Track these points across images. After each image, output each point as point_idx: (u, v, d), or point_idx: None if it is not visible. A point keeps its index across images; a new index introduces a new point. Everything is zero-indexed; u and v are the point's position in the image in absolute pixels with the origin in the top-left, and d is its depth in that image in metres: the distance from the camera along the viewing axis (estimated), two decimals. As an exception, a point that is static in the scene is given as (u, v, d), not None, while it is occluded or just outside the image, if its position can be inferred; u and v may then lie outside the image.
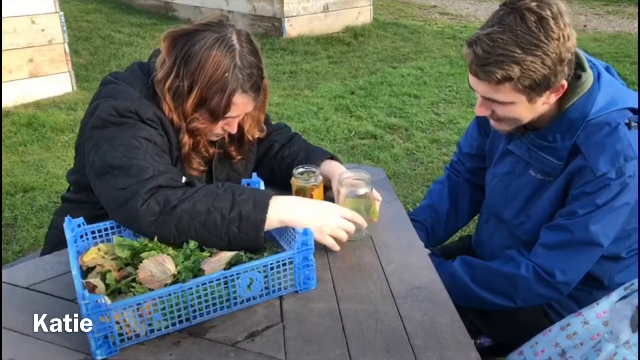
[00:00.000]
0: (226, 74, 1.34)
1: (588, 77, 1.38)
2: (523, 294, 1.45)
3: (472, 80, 1.36)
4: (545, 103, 1.36)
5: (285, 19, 6.61)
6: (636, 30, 7.11)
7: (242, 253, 1.29)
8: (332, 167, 1.55)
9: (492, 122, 1.46)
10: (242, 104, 1.40)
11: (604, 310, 1.37)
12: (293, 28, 6.70)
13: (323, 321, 1.16)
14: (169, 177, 1.28)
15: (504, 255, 1.52)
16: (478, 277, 1.50)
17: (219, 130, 1.45)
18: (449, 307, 1.19)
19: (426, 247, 1.40)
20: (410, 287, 1.25)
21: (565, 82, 1.33)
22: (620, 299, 1.38)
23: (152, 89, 1.40)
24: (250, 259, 1.27)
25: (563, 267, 1.40)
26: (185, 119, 1.40)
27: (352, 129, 4.34)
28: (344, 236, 1.34)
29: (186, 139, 1.42)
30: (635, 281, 1.39)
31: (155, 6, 8.20)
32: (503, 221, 1.60)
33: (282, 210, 1.28)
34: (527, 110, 1.35)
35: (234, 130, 1.47)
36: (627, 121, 1.35)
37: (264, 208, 1.25)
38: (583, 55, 1.41)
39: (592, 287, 1.53)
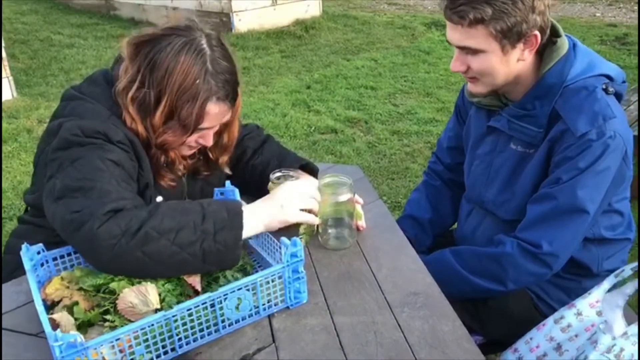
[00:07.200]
0: (197, 81, 1.22)
1: (563, 42, 1.40)
2: (512, 273, 1.40)
3: (448, 29, 1.36)
4: (519, 60, 1.36)
5: (234, 14, 6.45)
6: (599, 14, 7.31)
7: None
8: None
9: (468, 85, 1.47)
10: (216, 114, 1.28)
11: (596, 300, 1.35)
12: (242, 23, 6.55)
13: (318, 338, 1.08)
14: (132, 204, 1.13)
15: (492, 240, 1.48)
16: (466, 262, 1.46)
17: (192, 143, 1.34)
18: (448, 312, 1.14)
19: None
20: (406, 293, 1.19)
21: (538, 34, 1.33)
22: (611, 288, 1.37)
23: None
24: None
25: (549, 237, 1.37)
26: (154, 132, 1.27)
27: (311, 124, 4.26)
28: (313, 204, 1.24)
29: (157, 154, 1.30)
30: (626, 267, 1.38)
31: (95, 5, 7.86)
32: (486, 206, 1.56)
33: (253, 217, 1.18)
34: (500, 62, 1.35)
35: (209, 143, 1.35)
36: (604, 86, 1.37)
37: (239, 215, 1.14)
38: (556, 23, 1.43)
39: (582, 276, 1.51)
